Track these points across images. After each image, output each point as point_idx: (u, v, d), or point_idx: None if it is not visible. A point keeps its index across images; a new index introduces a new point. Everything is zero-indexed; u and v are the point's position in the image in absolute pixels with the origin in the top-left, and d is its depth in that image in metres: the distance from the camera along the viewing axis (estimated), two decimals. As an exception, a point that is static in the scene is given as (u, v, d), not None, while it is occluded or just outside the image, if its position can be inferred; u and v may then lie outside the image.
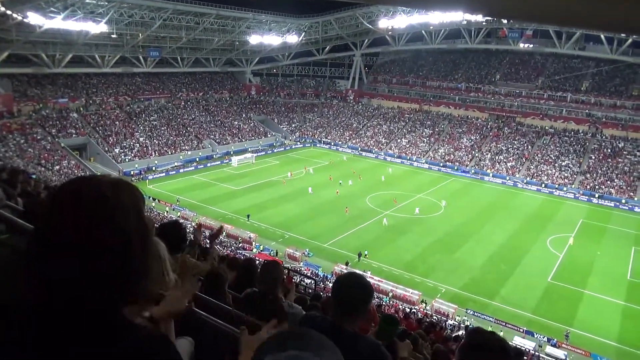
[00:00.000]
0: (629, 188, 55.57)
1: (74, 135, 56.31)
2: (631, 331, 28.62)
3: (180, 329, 2.18)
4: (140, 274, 1.13)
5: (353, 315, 2.37)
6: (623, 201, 53.61)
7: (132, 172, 53.92)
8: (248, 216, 42.49)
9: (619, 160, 59.75)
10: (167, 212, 42.81)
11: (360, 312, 2.38)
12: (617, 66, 66.18)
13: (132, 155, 57.52)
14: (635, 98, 64.90)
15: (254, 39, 72.85)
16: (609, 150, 61.72)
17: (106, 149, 56.39)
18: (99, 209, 1.06)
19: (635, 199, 53.87)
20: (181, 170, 57.59)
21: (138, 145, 59.49)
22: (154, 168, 56.56)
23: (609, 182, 56.89)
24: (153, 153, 59.24)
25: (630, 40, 59.73)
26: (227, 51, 78.55)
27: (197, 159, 61.70)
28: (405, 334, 6.45)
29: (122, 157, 56.40)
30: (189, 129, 67.75)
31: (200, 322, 2.35)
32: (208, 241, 5.00)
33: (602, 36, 61.61)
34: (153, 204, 44.79)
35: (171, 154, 60.62)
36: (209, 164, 61.06)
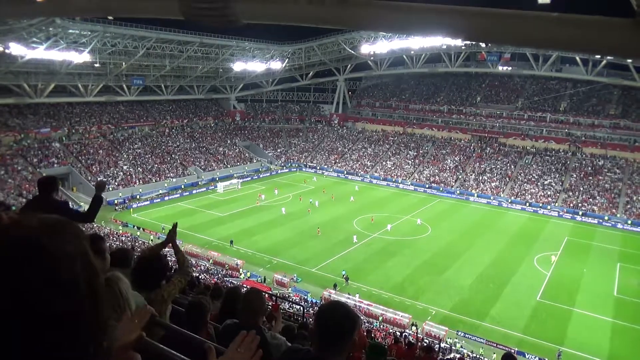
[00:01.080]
0: (610, 205, 56.45)
1: (55, 164, 55.57)
2: (621, 348, 28.60)
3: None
4: (94, 327, 0.95)
5: (337, 347, 2.24)
6: (606, 218, 54.37)
7: (115, 201, 53.20)
8: (231, 242, 42.01)
9: (600, 177, 60.88)
10: (151, 240, 42.06)
11: (345, 344, 2.23)
12: (593, 87, 68.09)
13: (116, 183, 56.86)
14: (612, 117, 66.62)
15: (237, 66, 73.54)
16: (590, 169, 62.90)
17: (89, 178, 55.67)
18: (31, 261, 0.85)
19: (618, 215, 54.69)
20: (166, 198, 57.03)
21: (122, 173, 58.92)
22: (138, 196, 55.92)
23: (591, 200, 57.76)
24: (137, 181, 58.68)
25: (604, 62, 61.65)
26: (211, 78, 79.06)
27: (182, 186, 61.26)
28: None
29: (106, 186, 55.59)
30: (173, 156, 67.45)
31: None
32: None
33: (577, 58, 63.56)
34: (138, 233, 44.13)
35: (156, 181, 60.11)
36: (194, 191, 60.63)
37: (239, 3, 2.78)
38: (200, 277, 27.65)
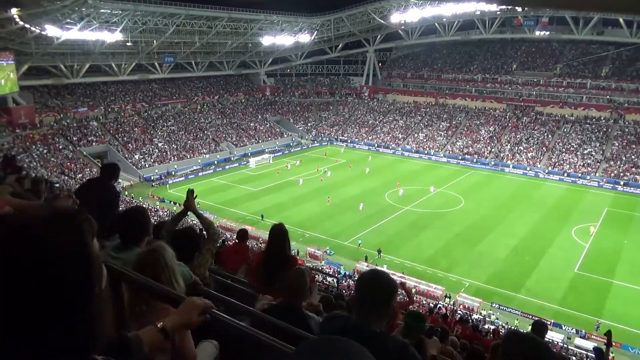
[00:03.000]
0: (655, 174, 54.17)
1: (94, 143, 57.38)
2: None
3: (204, 332, 2.15)
4: (90, 320, 0.97)
5: (377, 314, 2.29)
6: (649, 188, 52.29)
7: (152, 177, 54.70)
8: (262, 216, 42.64)
9: (644, 146, 58.29)
10: (187, 216, 43.15)
11: (385, 310, 2.30)
12: (638, 49, 64.38)
13: (152, 160, 58.30)
14: (658, 81, 63.20)
15: (266, 40, 73.11)
16: (633, 137, 60.19)
17: (126, 155, 57.27)
18: (24, 254, 0.87)
19: (663, 185, 52.52)
20: (200, 174, 58.14)
21: (157, 150, 60.27)
22: (173, 172, 57.23)
23: (633, 169, 55.49)
24: (172, 158, 59.97)
25: (650, 22, 58.12)
26: (241, 53, 78.99)
27: (215, 162, 62.21)
28: (432, 330, 6.31)
29: (142, 162, 57.21)
30: (206, 132, 68.38)
31: (223, 325, 2.24)
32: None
33: (620, 20, 59.95)
34: (174, 208, 45.27)
35: (190, 157, 61.24)
36: (227, 167, 61.52)
37: None
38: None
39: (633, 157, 57.18)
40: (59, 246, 0.92)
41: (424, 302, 28.93)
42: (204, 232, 4.38)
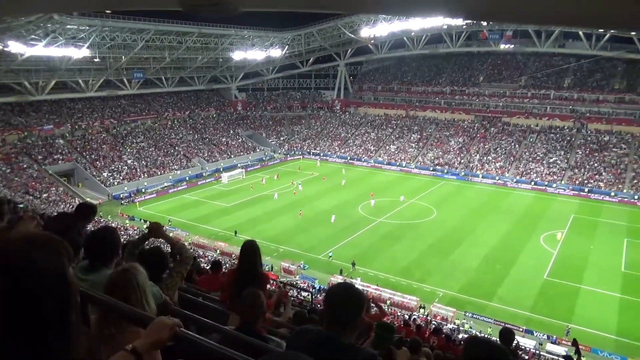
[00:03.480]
0: (617, 180, 56.10)
1: (60, 161, 55.88)
2: (629, 323, 28.71)
3: (174, 351, 2.10)
4: (67, 339, 0.98)
5: (347, 327, 2.32)
6: (612, 194, 54.09)
7: (121, 195, 53.55)
8: (235, 232, 42.19)
9: (606, 153, 60.40)
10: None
11: (354, 322, 2.33)
12: (597, 61, 67.13)
13: (121, 178, 57.13)
14: (617, 92, 65.80)
15: (237, 55, 73.09)
16: (595, 145, 62.38)
17: (94, 173, 55.97)
18: (3, 276, 0.89)
19: (624, 190, 54.39)
20: (171, 191, 57.25)
21: (126, 167, 59.15)
22: (143, 190, 56.17)
23: (597, 176, 57.40)
24: (142, 175, 58.91)
25: (608, 35, 60.52)
26: (212, 68, 78.70)
27: (187, 178, 61.41)
28: (402, 341, 6.21)
29: (111, 180, 56.00)
30: (177, 148, 67.55)
31: (194, 343, 2.18)
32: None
33: (580, 33, 62.47)
34: (144, 226, 44.34)
35: (160, 174, 60.28)
36: (199, 183, 60.81)
37: None
38: (208, 267, 27.82)
39: (596, 164, 59.19)
40: (38, 269, 0.93)
41: (399, 313, 28.92)
42: (175, 253, 4.29)
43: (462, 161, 66.41)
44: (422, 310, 29.98)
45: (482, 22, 62.63)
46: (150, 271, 3.17)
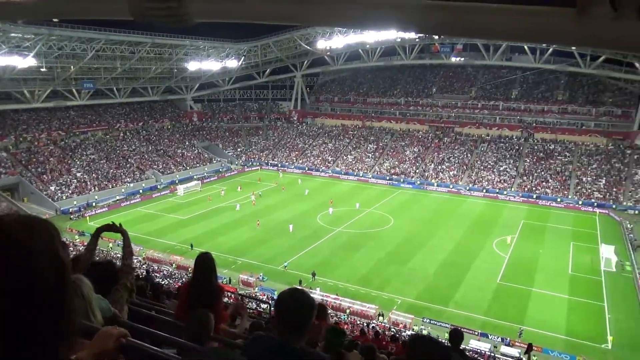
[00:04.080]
0: (562, 187, 58.93)
1: (3, 175, 52.99)
2: (577, 323, 30.03)
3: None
4: (64, 315, 1.05)
5: (298, 331, 2.37)
6: (558, 200, 56.69)
7: (70, 210, 51.28)
8: (191, 245, 41.25)
9: (551, 161, 63.42)
10: (110, 248, 40.77)
11: (305, 327, 2.37)
12: (542, 73, 70.70)
13: (70, 192, 54.76)
14: (560, 102, 69.46)
15: (192, 66, 72.10)
16: (541, 153, 65.37)
17: (41, 187, 53.39)
18: (11, 256, 0.96)
19: (569, 196, 57.15)
20: (124, 204, 55.36)
21: (76, 181, 56.81)
22: (94, 204, 54.02)
23: (544, 183, 60.07)
24: (93, 188, 56.69)
25: (550, 50, 64.10)
26: (166, 79, 77.27)
27: (141, 191, 59.68)
28: (353, 344, 6.36)
29: (59, 194, 53.56)
30: (130, 160, 65.56)
31: (146, 355, 2.16)
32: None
33: (525, 47, 65.69)
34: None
35: (112, 187, 58.27)
36: (153, 195, 59.12)
37: (193, 2, 2.74)
38: (163, 282, 26.99)
39: (542, 172, 61.96)
40: (35, 247, 0.99)
41: (358, 322, 28.96)
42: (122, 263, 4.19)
43: (418, 170, 67.89)
44: (380, 318, 30.19)
45: (433, 35, 64.66)
46: (100, 284, 3.14)
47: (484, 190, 60.89)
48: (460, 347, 6.30)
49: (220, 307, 4.33)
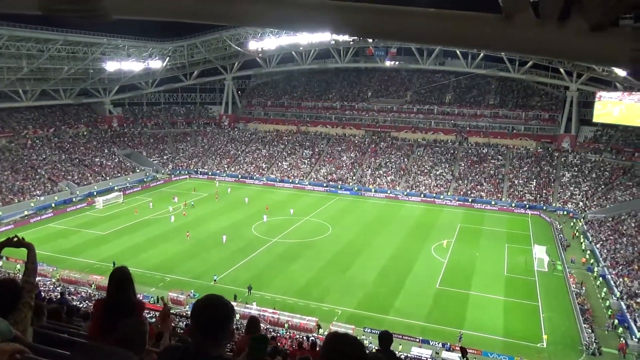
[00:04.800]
0: (496, 190, 60.17)
1: None
2: (513, 323, 30.58)
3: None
4: None
5: (215, 338, 2.29)
6: (493, 203, 57.76)
7: (-32, 228, 45.01)
8: (114, 263, 37.20)
9: (485, 165, 64.78)
10: (18, 271, 35.80)
11: (223, 335, 2.31)
12: (474, 78, 72.47)
13: (-34, 207, 48.15)
14: (492, 107, 71.55)
15: (110, 66, 66.51)
16: (475, 157, 66.64)
17: None
18: None
19: (503, 199, 58.42)
20: (33, 220, 49.88)
21: (-26, 195, 50.16)
22: (-3, 220, 47.89)
23: (479, 186, 61.08)
24: (-5, 203, 50.30)
25: (482, 55, 65.64)
26: (81, 80, 71.19)
27: (53, 205, 54.17)
28: (276, 351, 6.53)
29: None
30: (39, 171, 59.29)
31: None
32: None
33: (457, 52, 66.84)
34: (1, 263, 37.73)
35: (19, 201, 52.27)
36: (68, 209, 53.89)
37: None
38: (81, 305, 23.64)
39: (477, 176, 63.04)
40: None
41: (297, 335, 28.03)
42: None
43: (355, 176, 66.91)
44: (320, 330, 29.46)
45: (368, 39, 64.17)
46: (1, 305, 3.04)
47: (422, 195, 60.90)
48: (391, 349, 6.25)
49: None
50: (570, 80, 62.85)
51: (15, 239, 3.89)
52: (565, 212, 54.25)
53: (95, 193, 58.90)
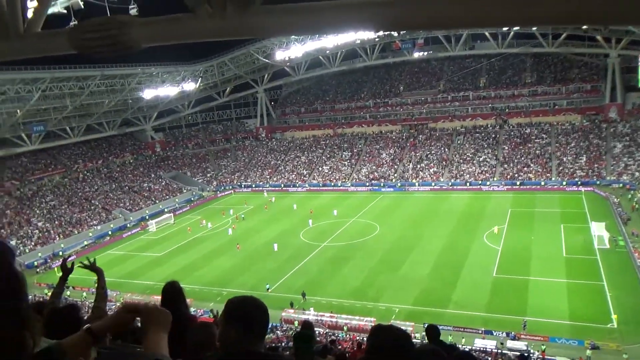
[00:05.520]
0: (544, 170, 58.01)
1: (-44, 235, 49.03)
2: (579, 306, 29.30)
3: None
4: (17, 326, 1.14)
5: (257, 335, 2.25)
6: (542, 183, 55.75)
7: (35, 263, 47.76)
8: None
9: (530, 145, 62.58)
10: (84, 298, 37.70)
11: (257, 327, 2.23)
12: (507, 58, 70.14)
13: (32, 244, 51.13)
14: (529, 85, 69.02)
15: (148, 94, 68.84)
16: (518, 139, 64.49)
17: (-1, 243, 49.48)
18: None
19: (552, 178, 56.25)
20: (93, 249, 51.98)
21: (37, 231, 53.25)
22: (60, 253, 50.42)
23: (525, 169, 59.09)
24: (57, 236, 53.17)
25: (512, 33, 63.44)
26: (121, 111, 74.03)
27: (110, 232, 56.36)
28: (326, 349, 6.43)
29: (21, 248, 49.81)
30: (93, 201, 62.12)
31: None
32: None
33: (487, 33, 64.87)
34: (68, 293, 39.55)
35: (78, 232, 54.83)
36: (124, 235, 55.96)
37: (134, 27, 2.71)
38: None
39: (522, 157, 60.99)
40: None
41: (358, 337, 27.38)
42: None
43: (397, 172, 66.20)
44: None
45: (392, 32, 63.49)
46: (63, 333, 2.60)
47: (467, 184, 59.55)
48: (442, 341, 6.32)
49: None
50: (609, 47, 59.60)
51: (87, 263, 4.07)
52: (621, 185, 51.59)
53: (147, 217, 60.93)
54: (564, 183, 54.65)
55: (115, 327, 1.92)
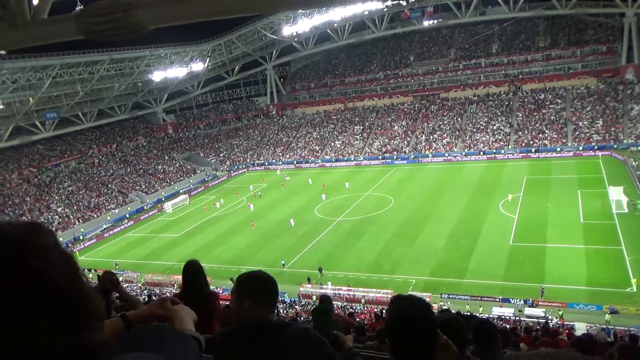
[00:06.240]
0: (560, 135, 57.06)
1: (-22, 224, 50.19)
2: (597, 271, 29.16)
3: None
4: (85, 306, 1.09)
5: (261, 299, 2.42)
6: (558, 150, 54.95)
7: (57, 248, 48.67)
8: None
9: (544, 111, 61.40)
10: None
11: (267, 296, 2.45)
12: (519, 22, 68.19)
13: (53, 229, 51.66)
14: (543, 49, 67.21)
15: (157, 76, 68.80)
16: (532, 105, 63.29)
17: (21, 230, 50.66)
18: (16, 254, 1.01)
19: (569, 144, 55.36)
20: (112, 232, 52.98)
21: (57, 217, 54.26)
22: (81, 237, 51.57)
23: (540, 135, 58.14)
24: (76, 221, 54.12)
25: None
26: (132, 95, 74.16)
27: (127, 215, 57.16)
28: (339, 325, 6.63)
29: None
30: (109, 185, 62.93)
31: None
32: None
33: (498, -2, 62.97)
34: (90, 276, 40.47)
35: (97, 217, 55.70)
36: (141, 217, 56.76)
37: (140, 9, 2.66)
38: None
39: (537, 124, 59.97)
40: (42, 244, 1.06)
41: (376, 310, 27.55)
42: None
43: (410, 144, 65.71)
44: None
45: (401, 1, 61.97)
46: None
47: (481, 153, 58.92)
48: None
49: (217, 315, 4.16)
50: (625, 6, 57.20)
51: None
52: (639, 148, 50.57)
53: (163, 199, 61.53)
54: (580, 148, 53.73)
55: (149, 319, 1.99)
